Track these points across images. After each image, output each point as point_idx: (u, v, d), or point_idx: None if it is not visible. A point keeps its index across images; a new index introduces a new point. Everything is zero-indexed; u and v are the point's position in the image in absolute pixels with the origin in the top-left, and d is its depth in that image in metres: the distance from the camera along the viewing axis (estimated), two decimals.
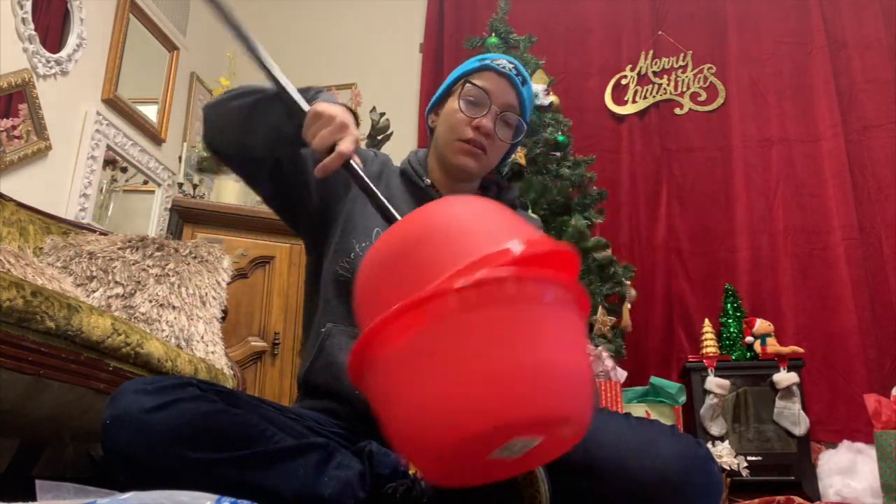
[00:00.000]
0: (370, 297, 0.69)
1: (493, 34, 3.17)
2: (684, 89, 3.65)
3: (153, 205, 3.22)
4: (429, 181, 1.20)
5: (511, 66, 1.18)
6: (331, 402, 1.06)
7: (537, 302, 0.64)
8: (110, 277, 1.98)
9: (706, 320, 3.15)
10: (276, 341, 2.72)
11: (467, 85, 1.17)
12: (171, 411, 0.88)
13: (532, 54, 3.16)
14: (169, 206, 3.13)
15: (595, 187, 2.97)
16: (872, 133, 3.35)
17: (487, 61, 1.19)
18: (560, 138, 2.93)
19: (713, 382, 2.88)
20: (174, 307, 1.98)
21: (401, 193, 1.20)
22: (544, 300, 0.64)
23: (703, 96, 3.62)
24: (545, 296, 0.64)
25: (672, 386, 2.72)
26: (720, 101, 3.60)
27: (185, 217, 2.81)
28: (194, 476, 0.83)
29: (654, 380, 2.76)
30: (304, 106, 0.98)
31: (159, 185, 3.25)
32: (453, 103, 1.18)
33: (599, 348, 2.54)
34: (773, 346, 2.93)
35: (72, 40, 2.70)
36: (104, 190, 2.93)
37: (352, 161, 0.94)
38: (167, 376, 0.99)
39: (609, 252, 2.85)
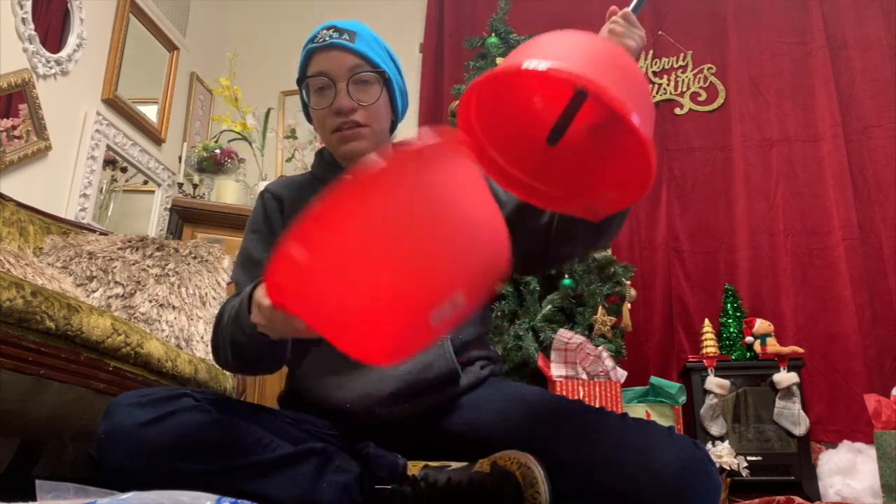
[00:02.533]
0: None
1: (493, 34, 3.17)
2: (684, 89, 3.64)
3: (153, 205, 3.22)
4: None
5: (330, 30, 1.12)
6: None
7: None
8: (110, 277, 1.98)
9: (706, 320, 3.15)
10: None
11: (307, 79, 1.13)
12: (166, 425, 0.88)
13: None
14: (169, 206, 3.13)
15: None
16: (872, 133, 3.34)
17: (310, 44, 1.13)
18: None
19: (713, 382, 2.88)
20: (174, 307, 1.98)
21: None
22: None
23: (703, 96, 3.62)
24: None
25: (672, 386, 2.72)
26: (720, 101, 3.60)
27: (185, 217, 2.80)
28: (193, 487, 0.83)
29: (654, 380, 2.76)
30: None
31: (159, 185, 3.25)
32: (311, 102, 1.15)
33: (599, 348, 2.54)
34: (773, 346, 2.93)
35: (72, 40, 2.70)
36: (104, 190, 2.93)
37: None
38: (161, 388, 0.99)
39: (609, 252, 2.85)
